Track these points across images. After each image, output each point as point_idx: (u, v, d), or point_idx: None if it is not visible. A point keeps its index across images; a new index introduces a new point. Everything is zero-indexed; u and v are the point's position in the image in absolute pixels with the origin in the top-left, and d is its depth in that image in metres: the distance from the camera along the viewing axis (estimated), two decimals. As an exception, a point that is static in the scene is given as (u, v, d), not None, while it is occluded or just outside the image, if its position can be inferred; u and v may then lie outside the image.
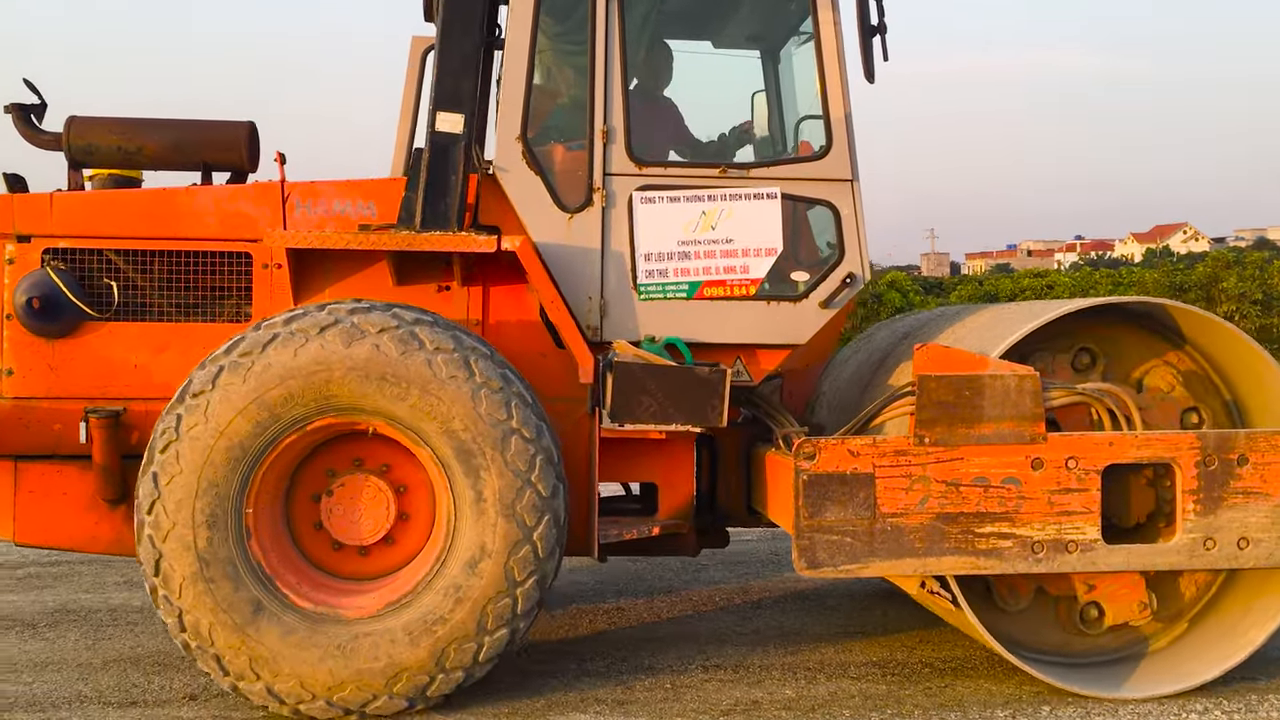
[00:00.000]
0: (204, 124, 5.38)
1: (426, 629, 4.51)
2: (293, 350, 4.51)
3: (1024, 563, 4.75)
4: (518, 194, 5.12)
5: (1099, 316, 5.24)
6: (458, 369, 4.54)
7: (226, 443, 4.48)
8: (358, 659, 4.48)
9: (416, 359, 4.50)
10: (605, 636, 5.89)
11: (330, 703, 4.48)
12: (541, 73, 5.62)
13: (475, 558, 4.53)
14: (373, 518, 4.78)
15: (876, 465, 4.70)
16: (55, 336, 5.12)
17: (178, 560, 4.45)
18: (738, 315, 5.21)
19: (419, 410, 4.52)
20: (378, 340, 4.51)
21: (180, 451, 4.47)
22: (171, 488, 4.47)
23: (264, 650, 4.45)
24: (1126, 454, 4.79)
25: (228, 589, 4.46)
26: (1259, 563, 4.85)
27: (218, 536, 4.47)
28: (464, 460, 4.54)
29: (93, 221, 5.19)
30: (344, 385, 4.50)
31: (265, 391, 4.48)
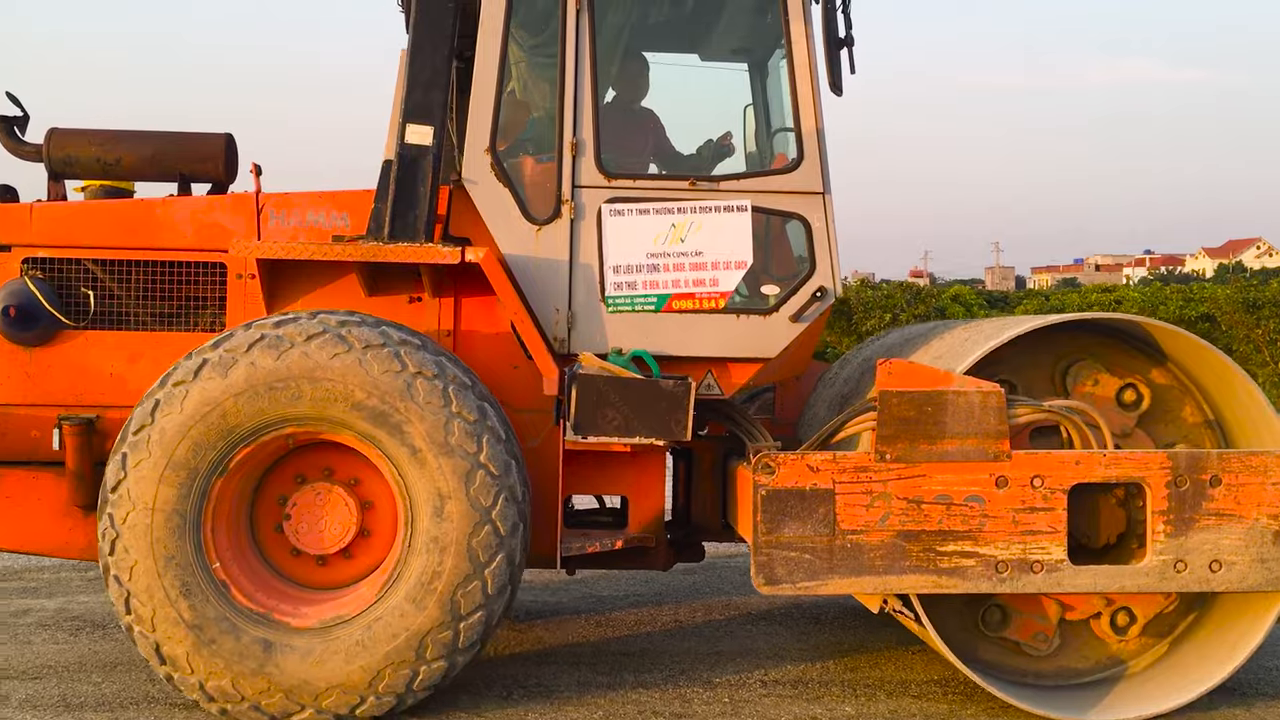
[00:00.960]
0: (181, 136, 5.45)
1: (363, 649, 4.52)
2: (277, 354, 4.55)
3: (988, 582, 4.68)
4: (486, 206, 5.14)
5: (1090, 333, 5.15)
6: (437, 396, 4.58)
7: (196, 436, 4.53)
8: (290, 668, 4.50)
9: (399, 380, 4.55)
10: (662, 649, 5.88)
11: (258, 708, 4.51)
12: (519, 86, 5.65)
13: (421, 586, 4.55)
14: (334, 529, 4.81)
15: (836, 481, 4.65)
16: (32, 344, 5.20)
17: (133, 544, 4.50)
18: (707, 328, 5.18)
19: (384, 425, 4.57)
20: (362, 355, 4.56)
21: (151, 436, 4.52)
22: (139, 470, 4.52)
23: (201, 645, 4.49)
24: (1094, 473, 4.71)
25: (176, 580, 4.50)
26: (1231, 586, 4.74)
27: (175, 526, 4.51)
28: (423, 482, 4.57)
29: (71, 231, 5.27)
30: (314, 396, 4.56)
31: (240, 391, 4.53)
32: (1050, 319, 4.90)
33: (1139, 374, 5.13)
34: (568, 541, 5.04)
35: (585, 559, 5.30)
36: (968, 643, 5.07)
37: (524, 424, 5.17)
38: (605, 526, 5.55)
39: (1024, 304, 30.88)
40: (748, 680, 5.39)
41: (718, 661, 5.67)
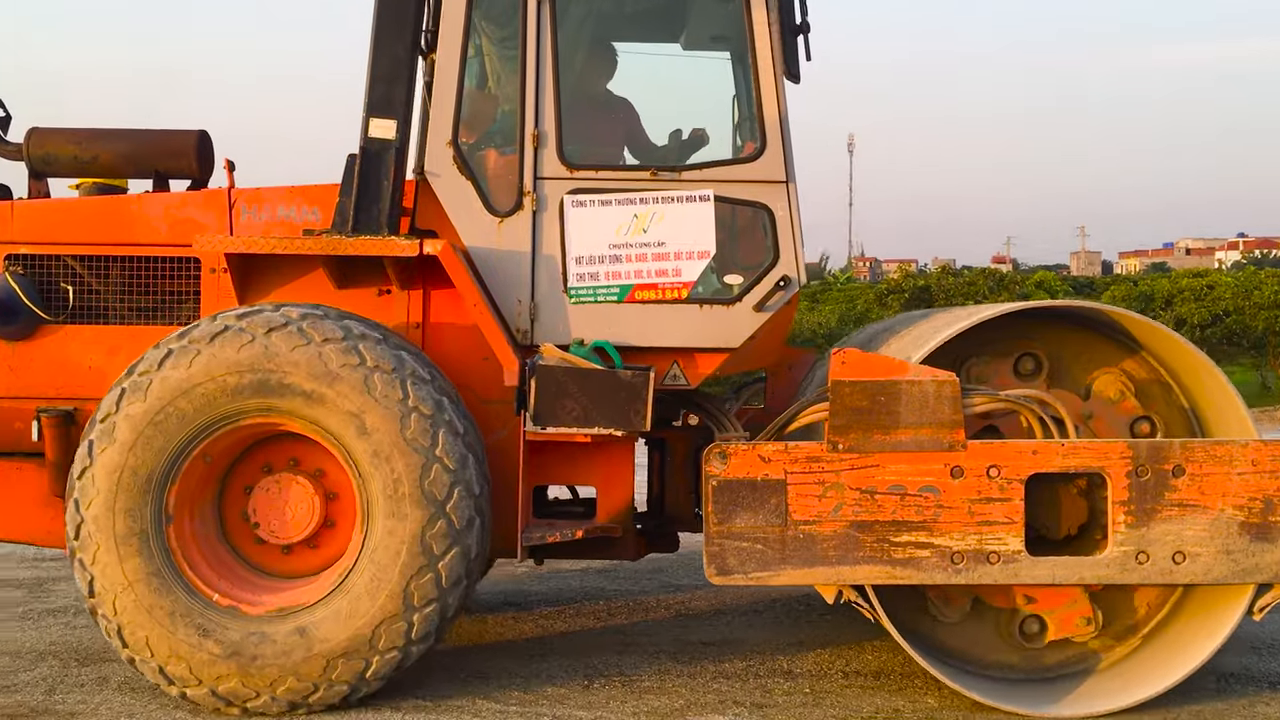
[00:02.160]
0: (156, 133, 5.55)
1: (319, 638, 4.60)
2: (237, 346, 4.63)
3: (943, 573, 4.64)
4: (449, 199, 5.18)
5: (1054, 322, 5.08)
6: (392, 388, 4.64)
7: (159, 424, 4.62)
8: (247, 654, 4.58)
9: (357, 373, 4.62)
10: (741, 638, 5.92)
11: (215, 692, 4.60)
12: (492, 80, 5.68)
13: (376, 577, 4.61)
14: (297, 518, 4.88)
15: (788, 471, 4.64)
16: (14, 339, 5.34)
17: (96, 530, 4.61)
18: (670, 319, 5.18)
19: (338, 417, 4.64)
20: (321, 349, 4.63)
21: (116, 424, 4.63)
22: (103, 457, 4.62)
23: (160, 630, 4.59)
24: (1052, 463, 4.64)
25: (138, 565, 4.60)
26: (1196, 578, 4.65)
27: (138, 512, 4.61)
28: (379, 476, 4.63)
29: (51, 228, 5.39)
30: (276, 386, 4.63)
31: (204, 380, 4.61)
32: (1011, 306, 4.83)
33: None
34: (529, 531, 5.06)
35: (547, 549, 5.33)
36: (927, 631, 5.04)
37: (493, 415, 5.19)
38: (577, 517, 5.57)
39: (1111, 289, 30.21)
40: (828, 671, 5.39)
41: (798, 651, 5.68)
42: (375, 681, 4.66)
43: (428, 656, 4.86)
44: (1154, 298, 26.72)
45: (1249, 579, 4.64)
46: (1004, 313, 4.79)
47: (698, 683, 5.18)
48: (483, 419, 5.11)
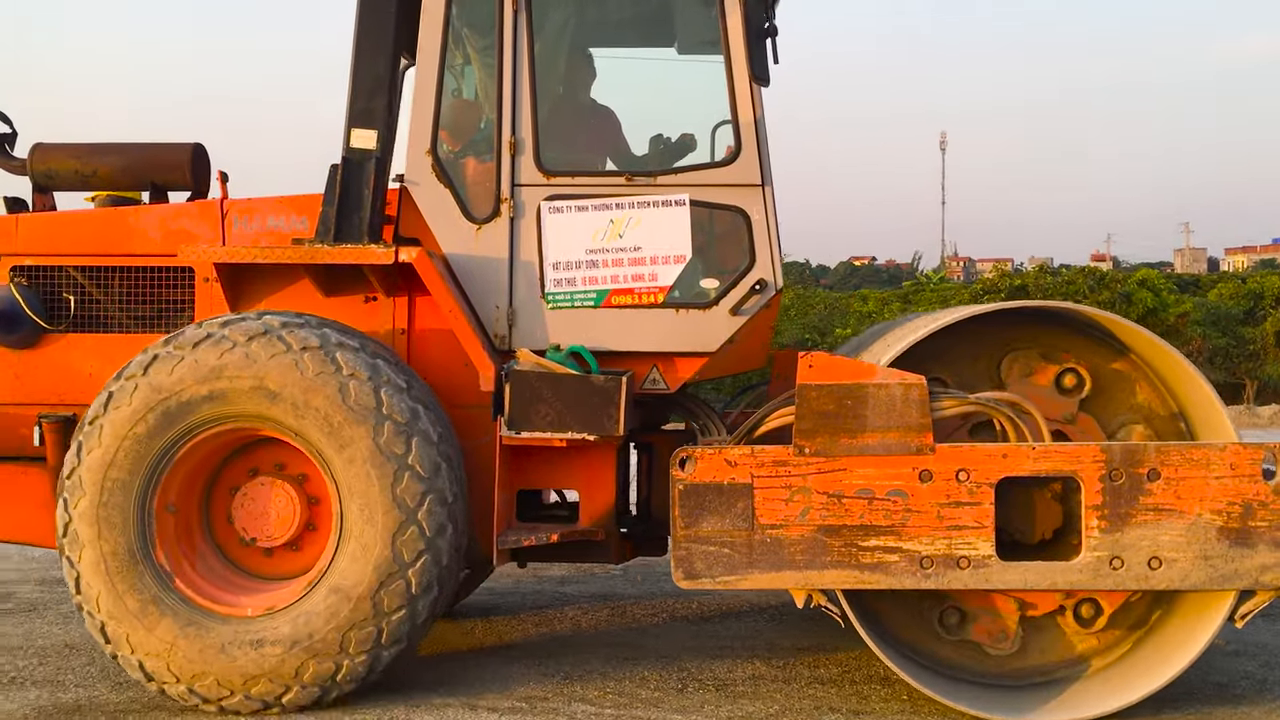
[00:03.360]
0: (151, 146, 5.70)
1: (292, 641, 4.68)
2: (219, 352, 4.76)
3: (912, 578, 4.60)
4: (428, 206, 5.25)
5: (1044, 323, 5.01)
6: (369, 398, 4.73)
7: (143, 427, 4.76)
8: (224, 654, 4.69)
9: (332, 381, 4.72)
10: (837, 644, 5.90)
11: (192, 690, 4.70)
12: (480, 89, 5.75)
13: (347, 582, 4.69)
14: (279, 521, 4.98)
15: (755, 475, 4.63)
16: (18, 347, 5.52)
17: (83, 529, 4.75)
18: (646, 323, 5.20)
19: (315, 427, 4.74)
20: (298, 357, 4.73)
21: (103, 427, 4.77)
22: (90, 458, 4.77)
23: (141, 628, 4.71)
24: (1022, 466, 4.58)
25: (122, 564, 4.72)
26: (1173, 584, 4.56)
27: (121, 512, 4.74)
28: (352, 482, 4.72)
29: (54, 240, 5.57)
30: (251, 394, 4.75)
31: (183, 387, 4.74)
32: (987, 307, 4.78)
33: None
34: (505, 535, 5.11)
35: (533, 553, 5.38)
36: (924, 644, 4.99)
37: (477, 420, 5.24)
38: (563, 520, 5.61)
39: (1218, 287, 29.51)
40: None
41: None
42: (347, 685, 4.74)
43: (511, 656, 5.11)
44: (1264, 295, 26.12)
45: (1228, 585, 4.54)
46: (970, 315, 4.74)
47: (793, 688, 5.18)
48: (467, 424, 5.18)
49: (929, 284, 35.97)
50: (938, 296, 28.76)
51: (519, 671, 5.40)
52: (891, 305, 27.79)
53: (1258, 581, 4.52)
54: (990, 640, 5.00)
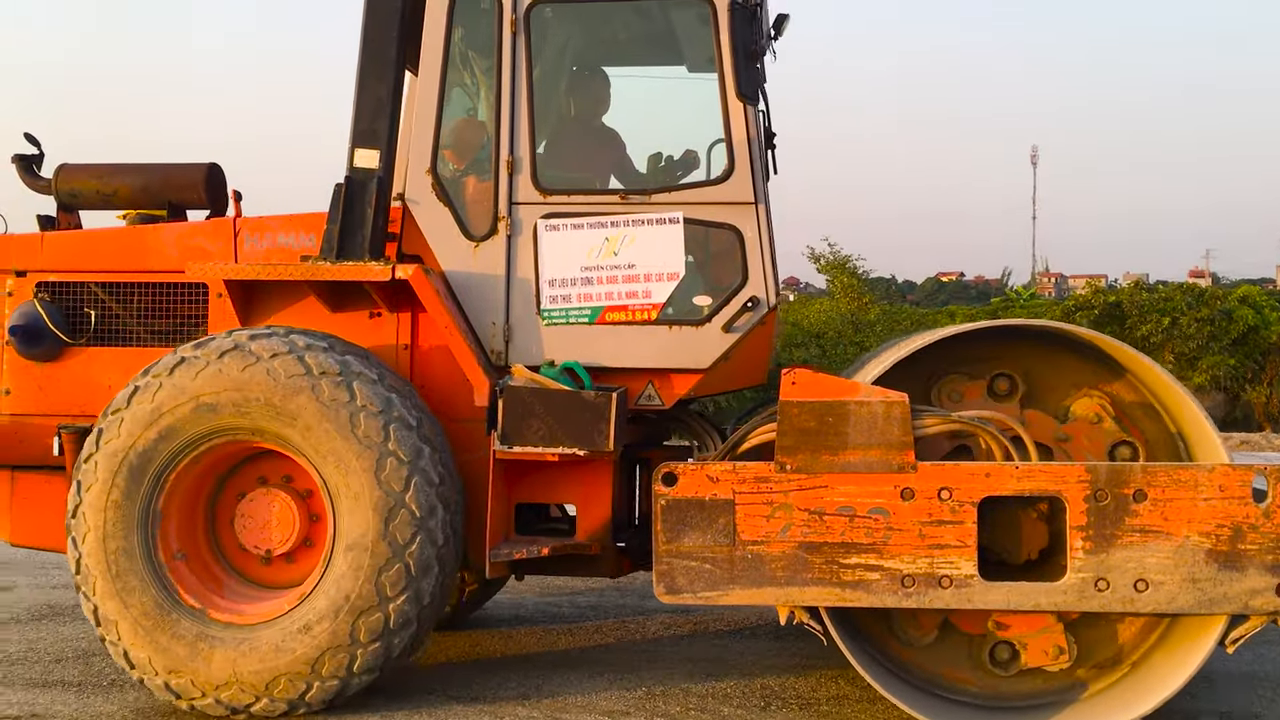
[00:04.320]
0: (168, 167, 5.90)
1: (274, 652, 4.80)
2: (243, 364, 4.90)
3: (893, 596, 4.58)
4: (427, 224, 5.36)
5: (1032, 343, 4.98)
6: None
7: (162, 424, 4.92)
8: (212, 658, 4.82)
9: (343, 411, 4.85)
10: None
11: (167, 686, 4.85)
12: (486, 108, 5.85)
13: (334, 602, 4.81)
14: (278, 532, 5.11)
15: (736, 491, 4.65)
16: (43, 360, 5.74)
17: (92, 519, 4.93)
18: (640, 340, 5.25)
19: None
20: (316, 380, 4.86)
21: (123, 418, 4.95)
22: (107, 448, 4.95)
23: (136, 626, 4.88)
24: (1006, 486, 4.54)
25: (122, 558, 4.89)
26: (1159, 607, 4.49)
27: (126, 511, 4.91)
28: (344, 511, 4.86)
29: (77, 257, 5.79)
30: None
31: (206, 392, 4.90)
32: (966, 327, 4.76)
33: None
34: (497, 549, 5.19)
35: (531, 566, 5.45)
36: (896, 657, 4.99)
37: (475, 434, 5.32)
38: (563, 534, 5.67)
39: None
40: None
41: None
42: (316, 704, 4.84)
43: (594, 670, 5.34)
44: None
45: (1216, 609, 4.45)
46: (971, 330, 4.73)
47: (877, 709, 5.15)
48: (467, 438, 5.27)
49: (1019, 300, 35.36)
50: (1028, 313, 28.29)
51: (602, 685, 5.46)
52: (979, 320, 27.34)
53: (1248, 606, 4.43)
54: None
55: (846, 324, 21.22)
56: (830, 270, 23.43)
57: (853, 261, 23.28)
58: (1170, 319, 20.07)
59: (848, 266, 23.17)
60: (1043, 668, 4.88)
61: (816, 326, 21.09)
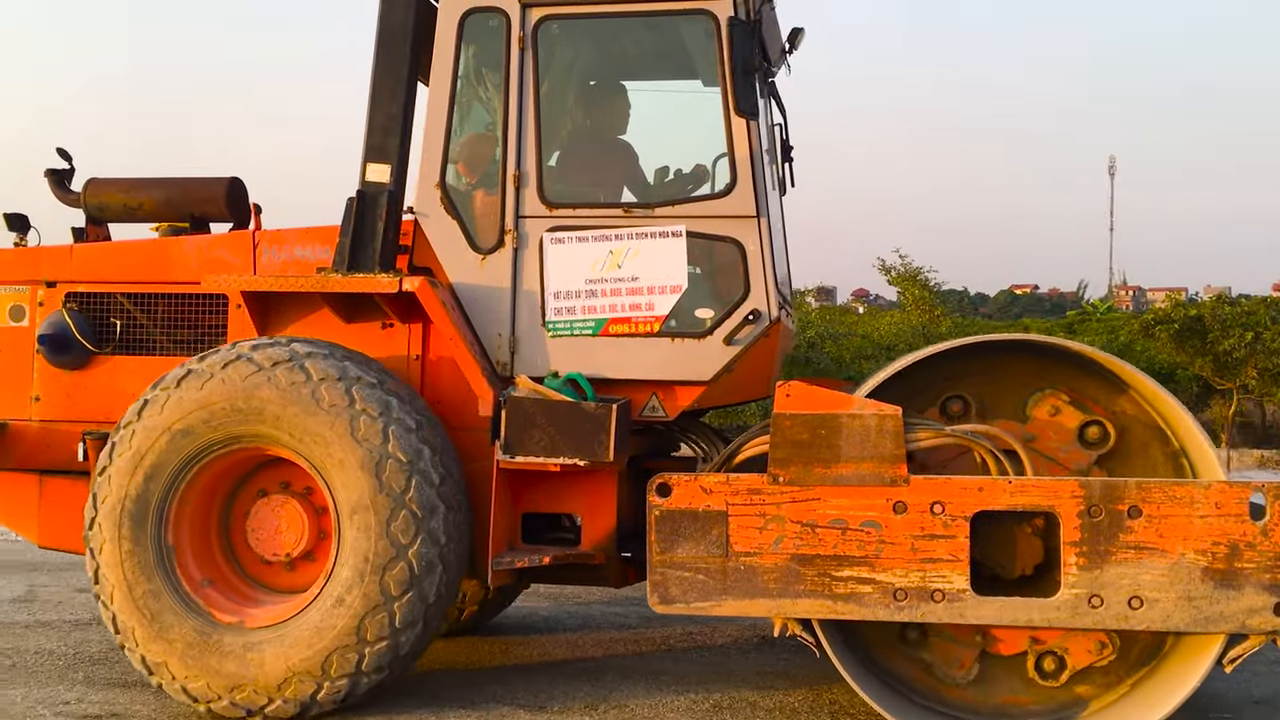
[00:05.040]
0: (190, 180, 6.06)
1: (283, 654, 4.91)
2: (246, 374, 5.03)
3: (885, 610, 4.59)
4: (436, 237, 5.46)
5: (977, 358, 4.96)
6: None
7: (171, 435, 5.07)
8: (221, 659, 4.94)
9: (344, 416, 4.96)
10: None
11: (234, 703, 4.96)
12: (498, 123, 5.94)
13: (333, 612, 4.91)
14: (287, 537, 5.22)
15: (730, 503, 4.69)
16: (70, 368, 5.92)
17: (106, 525, 5.08)
18: (643, 352, 5.30)
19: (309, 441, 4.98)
20: (315, 387, 4.97)
21: (135, 430, 5.10)
22: (118, 462, 5.11)
23: (148, 625, 5.00)
24: (998, 500, 4.53)
25: (134, 563, 5.03)
26: (1154, 625, 4.45)
27: (141, 511, 5.05)
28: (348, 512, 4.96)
29: (103, 268, 5.97)
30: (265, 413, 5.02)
31: (214, 401, 5.04)
32: (955, 343, 4.77)
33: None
34: (500, 557, 5.26)
35: (530, 573, 5.51)
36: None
37: (483, 443, 5.39)
38: (571, 544, 5.72)
39: None
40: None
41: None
42: (328, 705, 4.93)
43: (661, 681, 5.37)
44: None
45: (1213, 628, 4.40)
46: (930, 353, 4.75)
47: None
48: (475, 447, 5.35)
49: (1095, 314, 34.73)
50: (1104, 327, 27.76)
51: (669, 697, 5.46)
52: (1054, 334, 26.92)
53: (1245, 625, 4.38)
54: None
55: (918, 337, 20.68)
56: (901, 282, 23.04)
57: (924, 273, 22.89)
58: (1254, 334, 19.49)
59: (919, 279, 22.76)
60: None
61: (887, 339, 20.66)
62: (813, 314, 23.03)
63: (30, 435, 5.95)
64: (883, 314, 26.81)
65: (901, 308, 24.47)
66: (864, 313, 33.67)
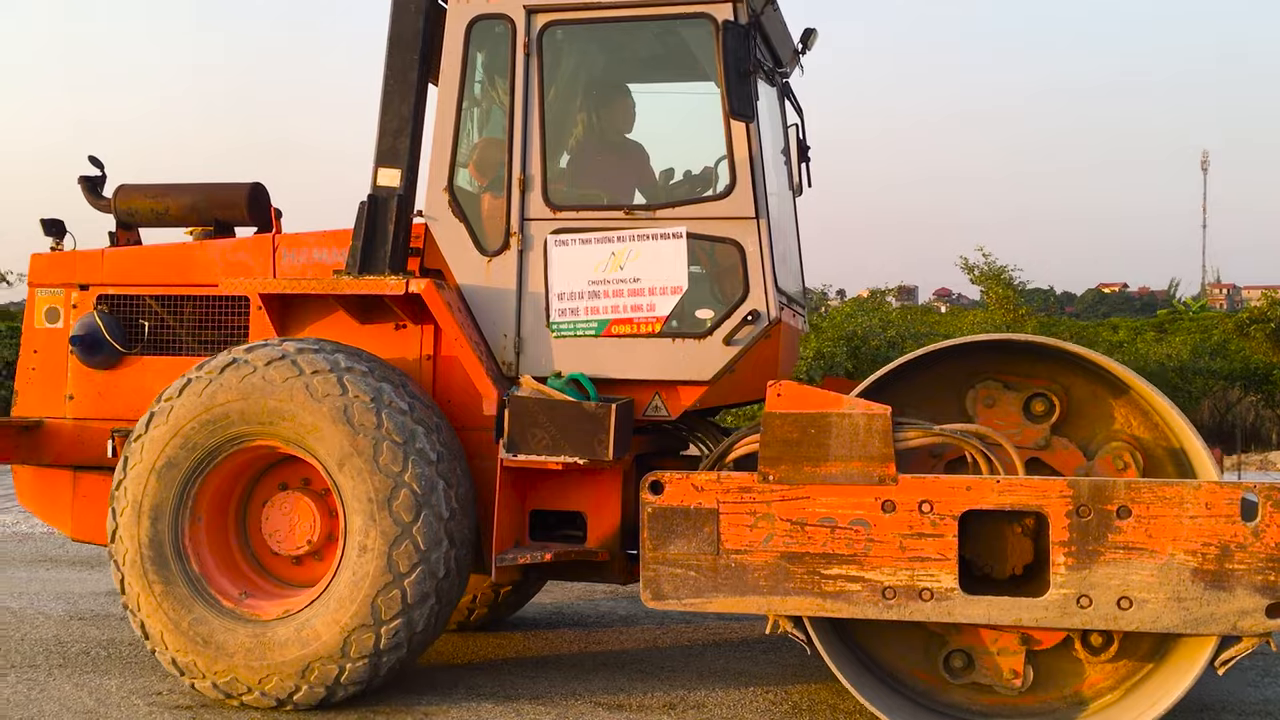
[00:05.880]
0: (213, 186, 6.26)
1: (297, 644, 5.06)
2: (241, 376, 5.22)
3: (874, 608, 4.62)
4: (444, 240, 5.59)
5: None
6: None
7: (179, 442, 5.26)
8: (240, 652, 5.11)
9: (338, 404, 5.12)
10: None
11: (216, 685, 5.14)
12: (502, 127, 6.05)
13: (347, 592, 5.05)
14: (300, 532, 5.39)
15: (721, 501, 4.74)
16: (101, 367, 6.14)
17: (126, 533, 5.27)
18: (644, 352, 5.37)
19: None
20: (309, 380, 5.14)
21: (144, 443, 5.30)
22: (133, 471, 5.31)
23: (170, 624, 5.19)
24: (986, 499, 4.54)
25: (154, 568, 5.21)
26: (1143, 626, 4.42)
27: (159, 517, 5.24)
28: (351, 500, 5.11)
29: (133, 272, 6.19)
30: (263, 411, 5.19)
31: (217, 404, 5.21)
32: (951, 342, 4.78)
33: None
34: (504, 553, 5.36)
35: (538, 569, 5.61)
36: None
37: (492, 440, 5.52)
38: (578, 541, 5.81)
39: None
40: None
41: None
42: (351, 686, 5.08)
43: (741, 682, 5.41)
44: None
45: (1203, 630, 4.37)
46: (921, 354, 4.76)
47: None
48: (486, 445, 5.46)
49: (1187, 313, 33.90)
50: (1197, 326, 27.08)
51: (748, 698, 5.47)
52: (1145, 335, 26.33)
53: (1236, 627, 4.34)
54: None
55: None
56: (984, 281, 22.65)
57: (1008, 272, 22.43)
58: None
59: (1003, 277, 22.33)
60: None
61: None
62: (893, 314, 22.57)
63: (65, 432, 6.19)
64: (965, 313, 26.30)
65: (985, 307, 24.01)
66: (946, 312, 33.26)
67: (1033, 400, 4.92)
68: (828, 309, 24.71)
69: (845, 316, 20.08)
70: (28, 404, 6.28)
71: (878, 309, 22.27)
